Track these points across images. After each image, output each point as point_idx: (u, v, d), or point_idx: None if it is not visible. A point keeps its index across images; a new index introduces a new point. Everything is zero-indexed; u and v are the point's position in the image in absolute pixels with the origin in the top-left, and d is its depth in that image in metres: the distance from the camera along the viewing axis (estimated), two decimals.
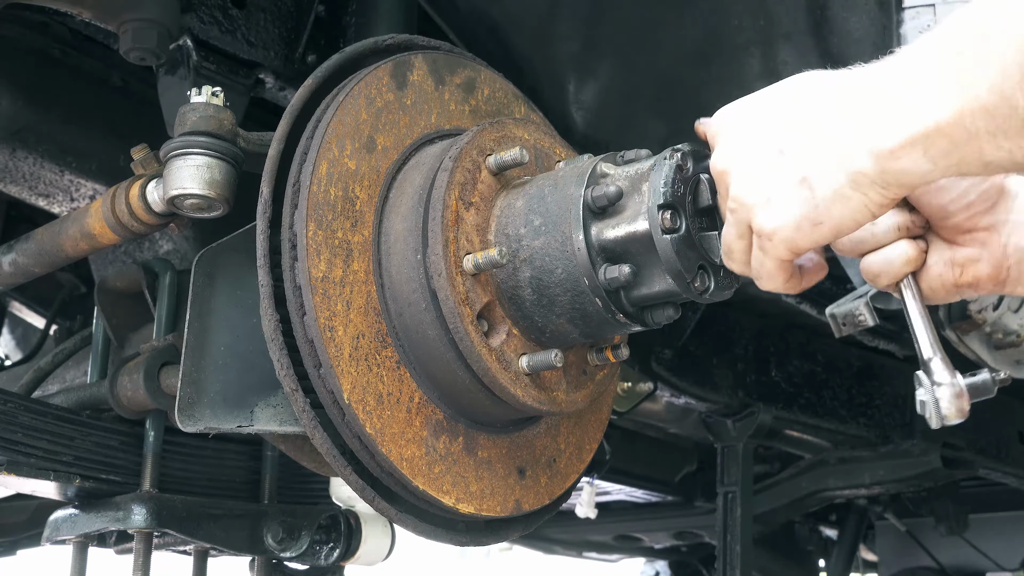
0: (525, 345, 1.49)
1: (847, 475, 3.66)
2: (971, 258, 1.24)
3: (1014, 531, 4.42)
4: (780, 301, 2.77)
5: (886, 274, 1.25)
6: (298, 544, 2.04)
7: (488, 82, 1.72)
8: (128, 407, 1.89)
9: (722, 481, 3.26)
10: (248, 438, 2.03)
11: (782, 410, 3.27)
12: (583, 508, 3.84)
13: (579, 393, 1.57)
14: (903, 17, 1.62)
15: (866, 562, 5.07)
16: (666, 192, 1.34)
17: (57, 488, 1.87)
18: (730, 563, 3.18)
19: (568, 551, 5.07)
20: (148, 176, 1.72)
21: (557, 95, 2.14)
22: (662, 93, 2.03)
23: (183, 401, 1.54)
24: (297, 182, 1.45)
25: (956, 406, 1.16)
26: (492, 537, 1.67)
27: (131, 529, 1.87)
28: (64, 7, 1.80)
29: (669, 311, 1.46)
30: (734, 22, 1.86)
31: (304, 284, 1.41)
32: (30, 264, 1.93)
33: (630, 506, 4.56)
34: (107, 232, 1.77)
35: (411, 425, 1.47)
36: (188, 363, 1.56)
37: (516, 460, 1.61)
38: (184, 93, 1.70)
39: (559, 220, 1.42)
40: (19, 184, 2.15)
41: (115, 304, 2.05)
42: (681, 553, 5.18)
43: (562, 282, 1.43)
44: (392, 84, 1.57)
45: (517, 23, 2.12)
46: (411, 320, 1.47)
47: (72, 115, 2.12)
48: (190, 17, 1.89)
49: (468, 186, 1.47)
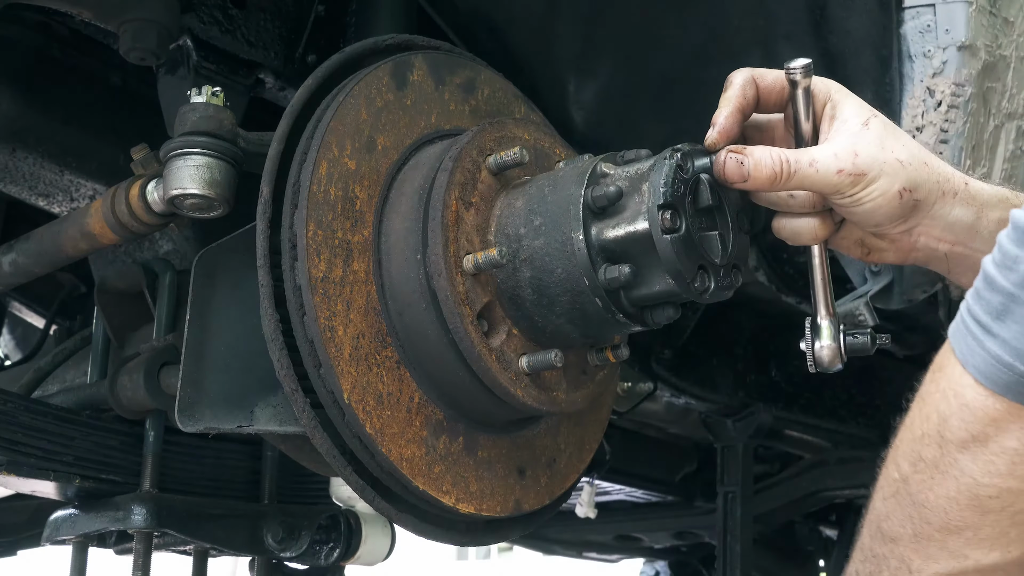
0: (525, 345, 1.49)
1: (847, 475, 3.66)
2: (879, 247, 1.38)
3: None
4: (780, 301, 2.77)
5: (792, 240, 1.37)
6: (298, 544, 2.04)
7: (488, 82, 1.72)
8: (128, 407, 1.89)
9: (722, 481, 3.26)
10: (248, 438, 2.02)
11: (782, 410, 3.27)
12: (583, 508, 3.84)
13: (579, 393, 1.57)
14: (903, 17, 1.62)
15: None
16: (666, 192, 1.34)
17: (57, 488, 1.87)
18: (730, 563, 3.18)
19: (568, 551, 5.07)
20: (148, 176, 1.72)
21: (557, 95, 2.14)
22: (662, 93, 2.03)
23: (183, 401, 1.54)
24: (297, 182, 1.45)
25: (829, 360, 1.37)
26: (492, 537, 1.67)
27: (131, 529, 1.87)
28: (64, 7, 1.80)
29: (669, 311, 1.46)
30: (734, 22, 1.86)
31: (304, 284, 1.41)
32: (30, 264, 1.93)
33: (630, 506, 4.55)
34: (107, 232, 1.77)
35: (411, 425, 1.47)
36: (188, 363, 1.56)
37: (516, 460, 1.61)
38: (184, 93, 1.70)
39: (559, 220, 1.42)
40: (19, 184, 2.15)
41: (115, 304, 2.05)
42: (681, 553, 5.17)
43: (562, 282, 1.42)
44: (392, 84, 1.57)
45: (517, 23, 2.12)
46: (411, 320, 1.47)
47: (72, 115, 2.12)
48: (190, 17, 1.89)
49: (468, 186, 1.47)
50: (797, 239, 1.37)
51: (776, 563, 4.67)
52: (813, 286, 1.39)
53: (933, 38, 1.59)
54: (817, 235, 1.36)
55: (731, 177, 1.33)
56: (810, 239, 1.37)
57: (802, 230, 1.36)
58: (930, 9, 1.59)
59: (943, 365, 1.08)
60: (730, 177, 1.33)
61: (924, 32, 1.60)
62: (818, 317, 1.38)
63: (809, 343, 1.38)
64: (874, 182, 1.27)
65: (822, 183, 1.28)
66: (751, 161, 1.31)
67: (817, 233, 1.36)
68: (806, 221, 1.36)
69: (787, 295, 2.71)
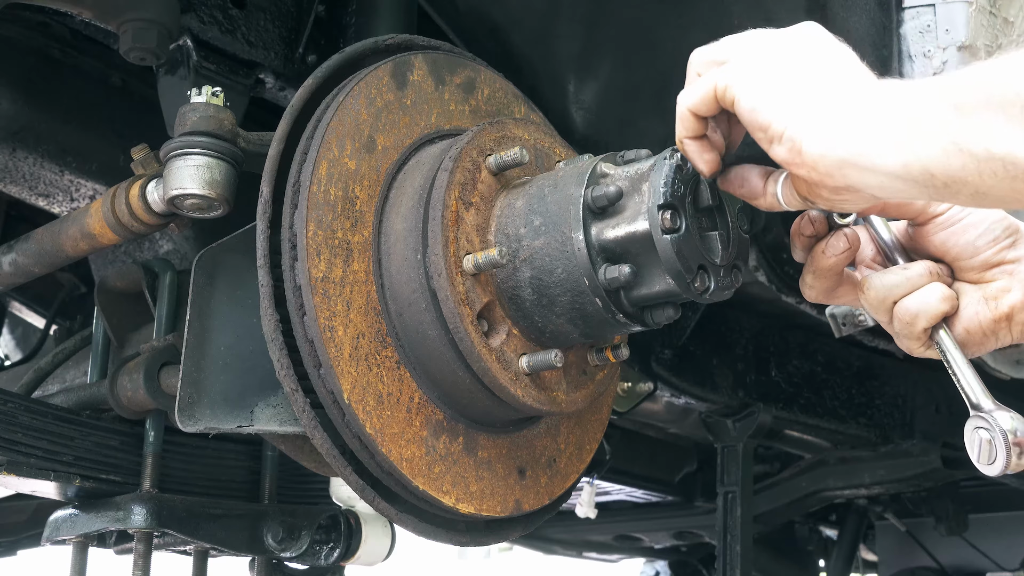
0: (525, 345, 1.49)
1: (847, 475, 3.66)
2: (1003, 288, 1.27)
3: (1014, 531, 4.42)
4: (780, 301, 2.77)
5: (924, 314, 1.26)
6: (298, 544, 2.04)
7: (488, 82, 1.72)
8: (128, 407, 1.89)
9: (722, 481, 3.26)
10: (248, 438, 2.03)
11: (782, 410, 3.27)
12: (583, 508, 3.84)
13: (579, 393, 1.57)
14: (903, 17, 1.62)
15: (866, 562, 5.07)
16: (666, 192, 1.34)
17: (57, 488, 1.87)
18: (730, 563, 3.19)
19: (568, 551, 5.08)
20: (148, 176, 1.72)
21: (557, 95, 2.14)
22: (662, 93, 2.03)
23: (183, 401, 1.54)
24: (297, 182, 1.45)
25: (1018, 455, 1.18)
26: (492, 537, 1.67)
27: (131, 529, 1.87)
28: (64, 7, 1.80)
29: (669, 311, 1.46)
30: (734, 22, 1.86)
31: (304, 284, 1.41)
32: (30, 264, 1.93)
33: (630, 506, 4.56)
34: (107, 232, 1.77)
35: (411, 425, 1.47)
36: (188, 363, 1.56)
37: (516, 460, 1.61)
38: (184, 93, 1.70)
39: (559, 220, 1.42)
40: (19, 184, 2.15)
41: (115, 304, 2.05)
42: (681, 553, 5.18)
43: (562, 282, 1.42)
44: (392, 84, 1.57)
45: (517, 23, 2.12)
46: (411, 320, 1.47)
47: (72, 115, 2.12)
48: (190, 17, 1.89)
49: (468, 186, 1.47)
50: (927, 310, 1.27)
51: (776, 563, 4.67)
52: (958, 373, 1.26)
53: (933, 38, 1.59)
54: (946, 295, 1.27)
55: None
56: (940, 303, 1.27)
57: (930, 295, 1.27)
58: (930, 9, 1.59)
59: None
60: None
61: (924, 32, 1.60)
62: (991, 412, 1.20)
63: (999, 440, 1.19)
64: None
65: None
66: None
67: (945, 293, 1.27)
68: (930, 288, 1.27)
69: (787, 295, 2.71)
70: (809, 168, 1.12)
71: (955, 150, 1.01)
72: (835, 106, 1.10)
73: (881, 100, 1.08)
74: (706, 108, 1.23)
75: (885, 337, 3.14)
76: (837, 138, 1.09)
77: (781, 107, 1.14)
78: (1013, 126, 0.98)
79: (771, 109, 1.14)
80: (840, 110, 1.10)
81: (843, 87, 1.12)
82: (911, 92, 1.07)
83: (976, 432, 1.20)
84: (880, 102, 1.08)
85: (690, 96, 1.24)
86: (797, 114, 1.12)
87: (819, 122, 1.11)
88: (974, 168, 1.01)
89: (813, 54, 1.16)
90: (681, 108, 1.26)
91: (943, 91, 1.04)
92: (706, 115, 1.25)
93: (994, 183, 1.01)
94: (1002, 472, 1.18)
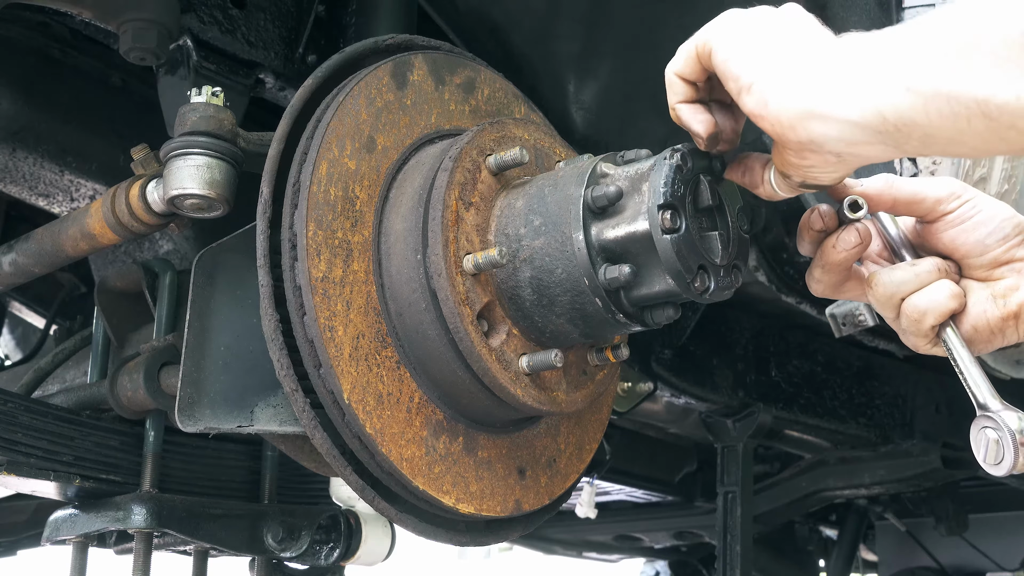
0: (525, 345, 1.49)
1: (847, 475, 3.66)
2: (1011, 287, 1.28)
3: (1014, 531, 4.42)
4: (780, 301, 2.77)
5: (932, 311, 1.26)
6: (298, 544, 2.04)
7: (488, 82, 1.72)
8: (128, 407, 1.89)
9: (722, 481, 3.26)
10: (248, 438, 2.03)
11: (782, 410, 3.28)
12: (583, 508, 3.84)
13: (579, 393, 1.57)
14: (903, 17, 1.62)
15: (866, 562, 5.08)
16: (666, 192, 1.34)
17: (57, 488, 1.87)
18: (730, 563, 3.19)
19: (568, 551, 5.08)
20: (148, 176, 1.72)
21: (557, 95, 2.14)
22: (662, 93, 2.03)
23: (183, 401, 1.54)
24: (297, 182, 1.45)
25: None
26: (492, 537, 1.67)
27: (131, 529, 1.87)
28: (64, 7, 1.80)
29: (669, 311, 1.46)
30: None
31: (304, 284, 1.41)
32: (30, 264, 1.93)
33: (630, 506, 4.56)
34: (107, 232, 1.77)
35: (411, 425, 1.47)
36: (188, 363, 1.56)
37: (516, 460, 1.61)
38: (184, 93, 1.70)
39: (559, 220, 1.42)
40: (19, 184, 2.15)
41: (115, 304, 2.05)
42: (681, 553, 5.18)
43: (562, 282, 1.42)
44: (392, 84, 1.57)
45: (517, 23, 2.12)
46: (411, 320, 1.47)
47: (72, 115, 2.12)
48: (190, 17, 1.89)
49: (468, 186, 1.47)
50: (935, 308, 1.27)
51: (776, 563, 4.67)
52: (965, 372, 1.25)
53: None
54: (955, 293, 1.28)
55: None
56: (948, 299, 1.28)
57: (938, 292, 1.28)
58: (930, 9, 1.59)
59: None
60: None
61: None
62: (998, 412, 1.20)
63: (1008, 439, 1.18)
64: None
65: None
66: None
67: (954, 290, 1.28)
68: (939, 284, 1.28)
69: (787, 295, 2.71)
70: (773, 120, 1.17)
71: (903, 89, 1.07)
72: (799, 62, 1.16)
73: (840, 54, 1.14)
74: (690, 69, 1.28)
75: (885, 337, 3.15)
76: (799, 90, 1.14)
77: (752, 60, 1.19)
78: (958, 62, 1.03)
79: (743, 61, 1.20)
80: (803, 65, 1.16)
81: (808, 46, 1.17)
82: (867, 43, 1.13)
83: (983, 432, 1.20)
84: (839, 56, 1.14)
85: (675, 61, 1.30)
86: (765, 68, 1.18)
87: (784, 76, 1.16)
88: (922, 107, 1.06)
89: (785, 20, 1.21)
90: (668, 75, 1.30)
91: (896, 39, 1.11)
92: (692, 78, 1.29)
93: (940, 123, 1.06)
94: (1009, 472, 1.18)
